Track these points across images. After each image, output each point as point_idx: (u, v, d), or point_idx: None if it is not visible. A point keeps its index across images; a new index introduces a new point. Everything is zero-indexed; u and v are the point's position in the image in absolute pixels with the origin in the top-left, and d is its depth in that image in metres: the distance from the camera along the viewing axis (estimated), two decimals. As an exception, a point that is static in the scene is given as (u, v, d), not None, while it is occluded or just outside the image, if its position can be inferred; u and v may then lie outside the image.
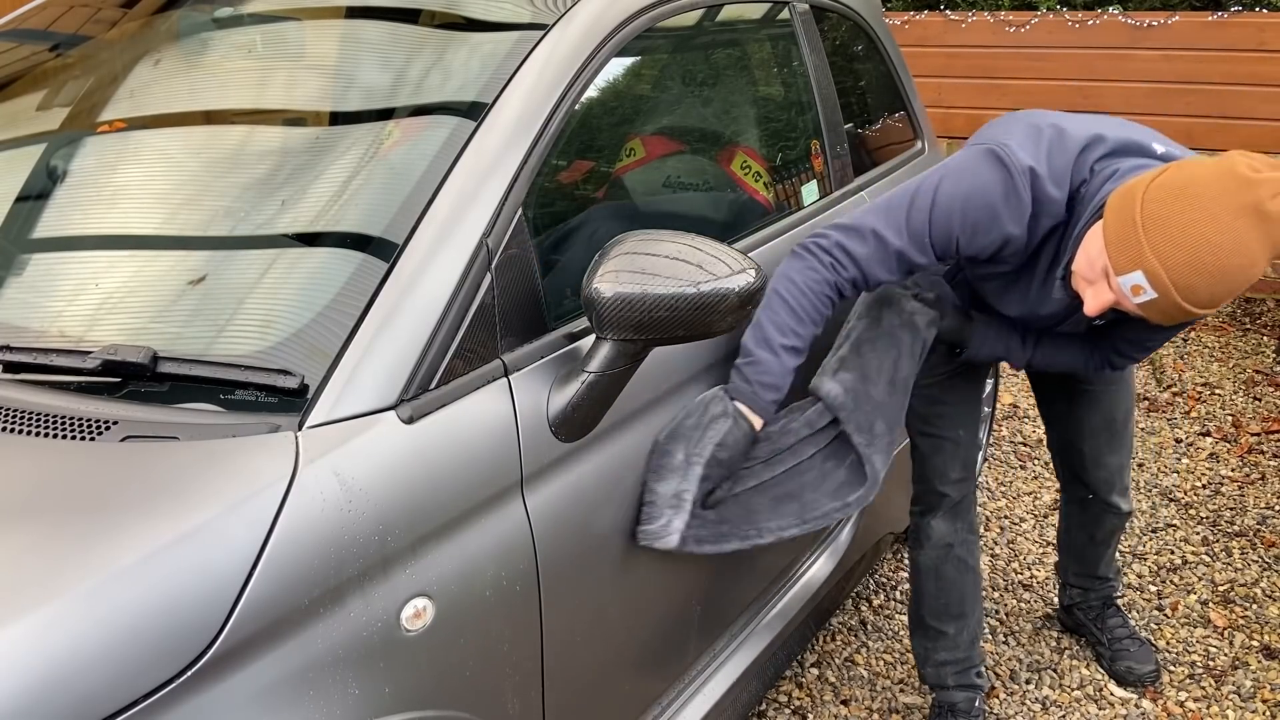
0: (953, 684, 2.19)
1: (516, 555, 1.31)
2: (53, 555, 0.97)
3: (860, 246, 1.65)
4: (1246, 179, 1.38)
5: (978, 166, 1.60)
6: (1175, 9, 5.01)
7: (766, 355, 1.63)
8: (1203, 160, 1.44)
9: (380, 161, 1.41)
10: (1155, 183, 1.43)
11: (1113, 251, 1.45)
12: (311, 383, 1.19)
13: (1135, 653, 2.40)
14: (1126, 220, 1.43)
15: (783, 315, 1.64)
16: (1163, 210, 1.40)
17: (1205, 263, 1.38)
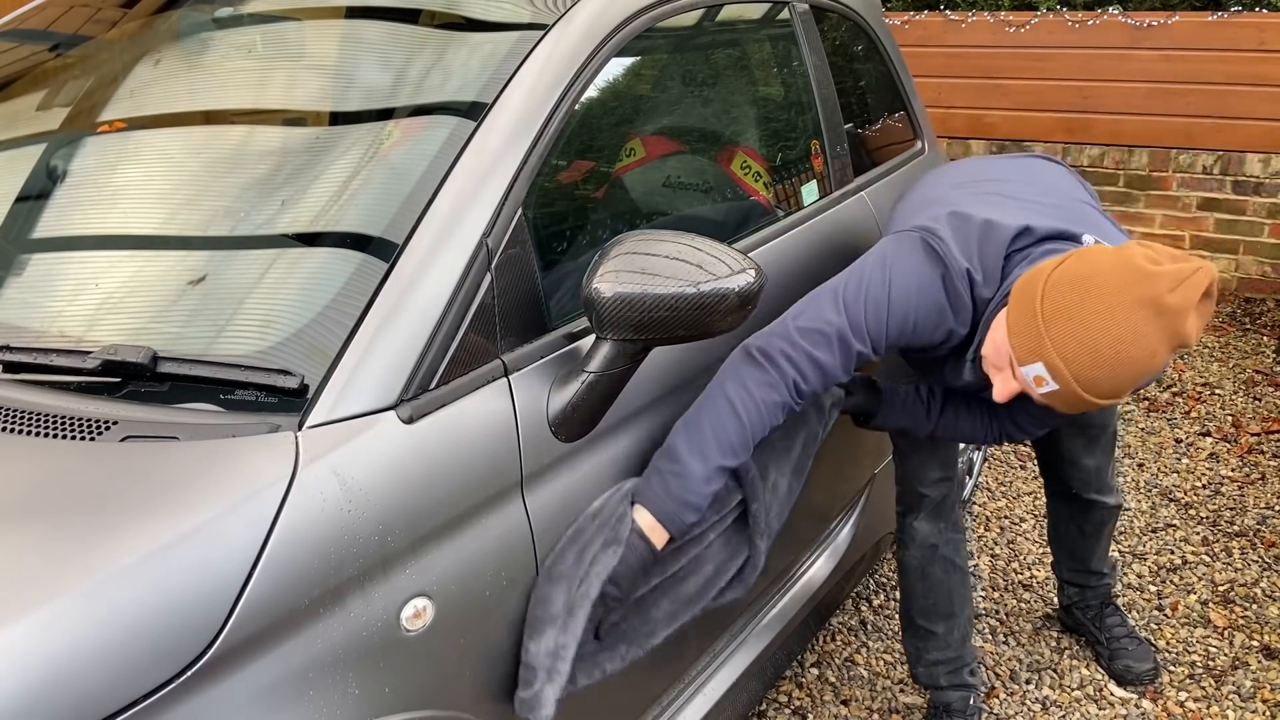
0: (946, 684, 2.19)
1: (516, 555, 1.31)
2: (53, 555, 0.97)
3: (828, 355, 1.56)
4: (1145, 272, 1.38)
5: (920, 264, 1.59)
6: (1175, 9, 5.01)
7: (699, 469, 1.43)
8: (1103, 250, 1.45)
9: (380, 161, 1.41)
10: (1056, 273, 1.44)
11: (1015, 341, 1.47)
12: (311, 383, 1.19)
13: (1133, 651, 2.40)
14: (1027, 311, 1.45)
15: (730, 432, 1.47)
16: (1062, 302, 1.41)
17: (1105, 356, 1.39)
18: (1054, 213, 1.66)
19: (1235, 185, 4.89)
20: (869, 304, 1.57)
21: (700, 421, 1.48)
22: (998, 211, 1.63)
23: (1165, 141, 5.00)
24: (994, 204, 1.67)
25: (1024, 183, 1.79)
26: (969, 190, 1.75)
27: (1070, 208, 1.71)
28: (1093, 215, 1.71)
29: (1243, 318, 4.78)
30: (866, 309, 1.57)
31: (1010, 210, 1.64)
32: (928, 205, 1.71)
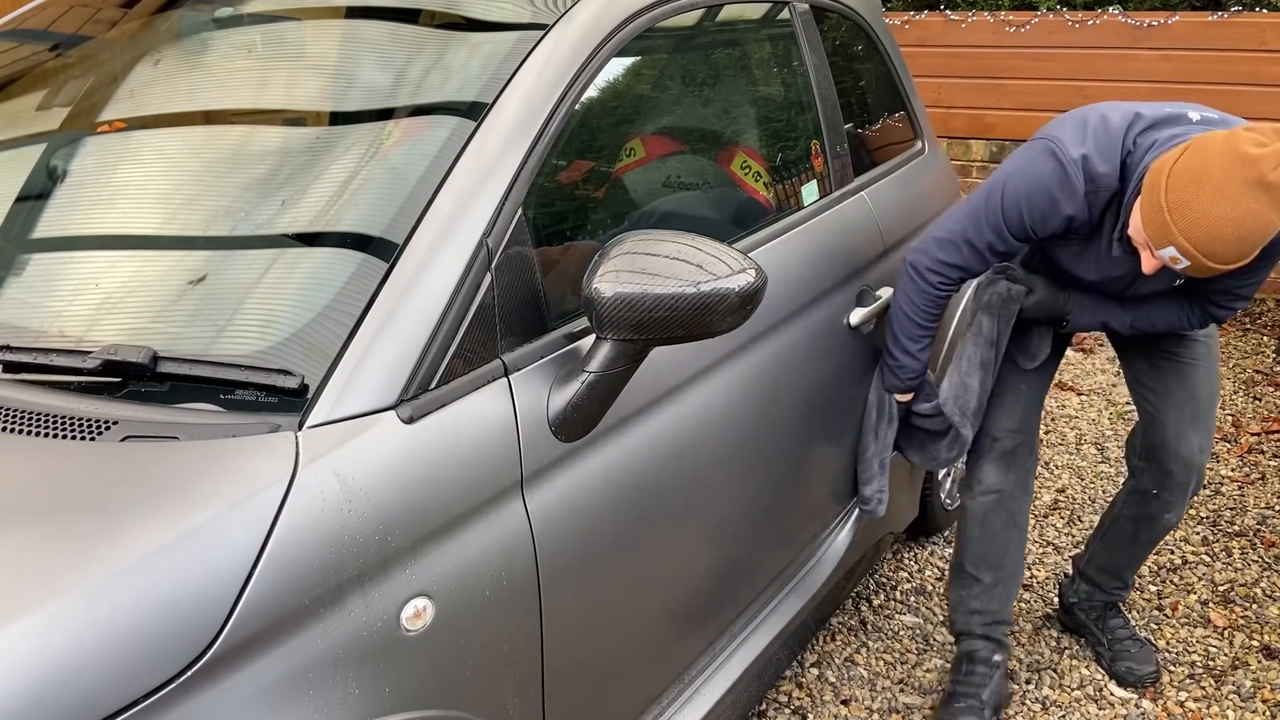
0: (979, 632, 2.26)
1: (516, 555, 1.31)
2: (53, 555, 0.97)
3: (956, 256, 2.00)
4: (1249, 157, 1.61)
5: (1036, 163, 1.89)
6: (1175, 9, 5.01)
7: (907, 360, 2.13)
8: (1214, 139, 1.66)
9: (380, 161, 1.41)
10: (1175, 167, 1.67)
11: (1149, 230, 1.71)
12: (311, 383, 1.19)
13: (1136, 653, 2.40)
14: (1154, 204, 1.69)
15: (910, 327, 2.10)
16: (1183, 196, 1.65)
17: (1224, 234, 1.63)
18: (1161, 107, 1.89)
19: (1235, 185, 4.88)
20: (987, 205, 1.95)
21: (895, 330, 2.13)
22: (1111, 110, 1.90)
23: (1165, 141, 4.99)
24: (1109, 108, 1.92)
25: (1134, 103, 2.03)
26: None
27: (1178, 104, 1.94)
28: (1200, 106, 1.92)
29: (1243, 318, 4.78)
30: (984, 210, 1.95)
31: (1123, 106, 1.90)
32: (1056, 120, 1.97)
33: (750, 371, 1.80)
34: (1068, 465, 3.44)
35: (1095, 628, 2.47)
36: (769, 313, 1.85)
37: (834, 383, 2.08)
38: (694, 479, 1.65)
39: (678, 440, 1.61)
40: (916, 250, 2.07)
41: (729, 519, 1.78)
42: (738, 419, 1.76)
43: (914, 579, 2.83)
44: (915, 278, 2.06)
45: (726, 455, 1.73)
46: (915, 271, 2.06)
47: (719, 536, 1.76)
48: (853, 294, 2.16)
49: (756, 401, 1.81)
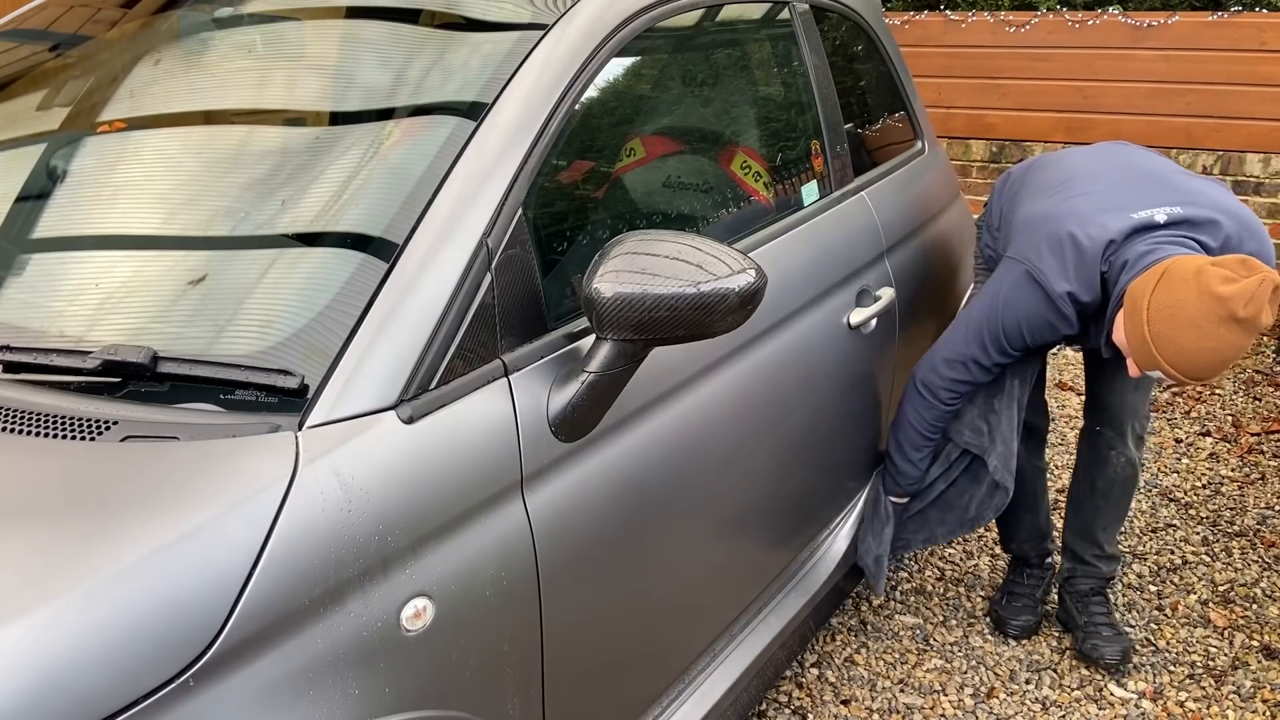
0: (1030, 551, 2.59)
1: (516, 555, 1.31)
2: (53, 555, 0.97)
3: (966, 373, 2.22)
4: (1220, 296, 1.81)
5: (1026, 294, 2.09)
6: (1175, 9, 5.01)
7: (910, 469, 2.34)
8: (1185, 272, 1.84)
9: (380, 161, 1.41)
10: (1153, 300, 1.87)
11: (1135, 355, 1.93)
12: (311, 383, 1.19)
13: (1106, 636, 2.42)
14: (1138, 334, 1.90)
15: (918, 439, 2.30)
16: (1163, 329, 1.86)
17: (1204, 360, 1.86)
18: (1133, 199, 2.06)
19: (1235, 185, 4.89)
20: (988, 331, 2.15)
21: (899, 440, 2.33)
22: (1088, 222, 2.04)
23: (1165, 141, 5.00)
24: (1084, 212, 2.06)
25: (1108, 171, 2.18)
26: (1059, 198, 2.15)
27: (1146, 184, 2.10)
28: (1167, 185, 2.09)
29: (1243, 318, 4.78)
30: (987, 335, 2.16)
31: (1098, 216, 2.04)
32: (1034, 224, 2.13)
33: (750, 371, 1.80)
34: (1068, 465, 3.44)
35: (1075, 609, 2.48)
36: (769, 313, 1.85)
37: (834, 382, 2.08)
38: (694, 479, 1.65)
39: (678, 440, 1.61)
40: (926, 370, 2.25)
41: (729, 519, 1.78)
42: (738, 419, 1.76)
43: (914, 579, 2.83)
44: (927, 396, 2.25)
45: (726, 455, 1.73)
46: (928, 390, 2.25)
47: (719, 536, 1.76)
48: (853, 294, 2.16)
49: (756, 401, 1.81)
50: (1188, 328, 1.83)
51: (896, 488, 2.37)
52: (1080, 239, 2.02)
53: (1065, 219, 2.08)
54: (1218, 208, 2.05)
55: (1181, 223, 2.00)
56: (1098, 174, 2.19)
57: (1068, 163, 2.30)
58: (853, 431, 2.23)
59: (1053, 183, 2.24)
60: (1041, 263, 2.06)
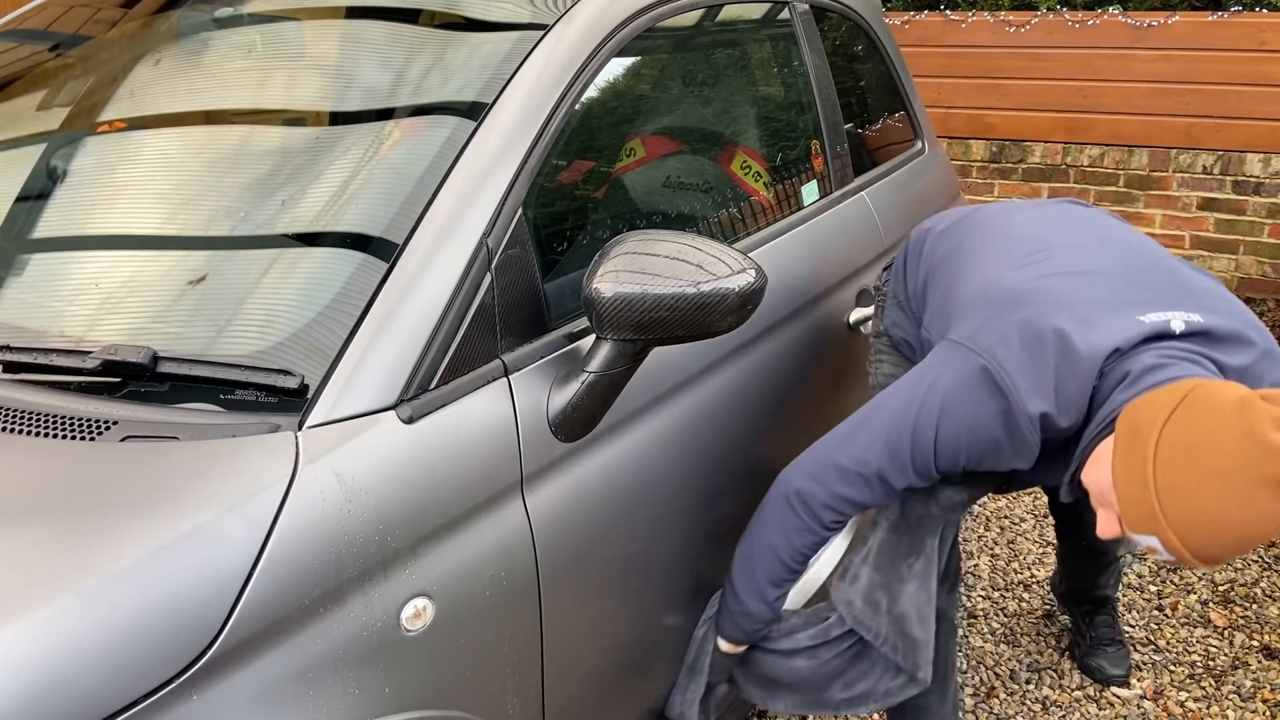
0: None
1: (516, 555, 1.31)
2: (53, 555, 0.97)
3: (864, 492, 1.55)
4: (1271, 447, 1.21)
5: (977, 400, 1.45)
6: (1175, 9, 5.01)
7: (759, 608, 1.65)
8: (1219, 408, 1.25)
9: (380, 161, 1.41)
10: (1167, 434, 1.27)
11: (1126, 510, 1.31)
12: (311, 383, 1.19)
13: (1111, 653, 2.38)
14: (1138, 480, 1.28)
15: (775, 569, 1.62)
16: (1178, 476, 1.25)
17: (1224, 536, 1.26)
18: (1139, 293, 1.48)
19: (1235, 185, 4.89)
20: (912, 440, 1.50)
21: (753, 567, 1.64)
22: (1083, 317, 1.43)
23: (1165, 141, 5.00)
24: (1076, 302, 1.46)
25: (1095, 248, 1.59)
26: (1032, 272, 1.54)
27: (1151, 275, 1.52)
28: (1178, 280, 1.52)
29: (1243, 318, 4.78)
30: (908, 445, 1.50)
31: (1095, 311, 1.44)
32: (999, 303, 1.50)
33: (750, 371, 1.80)
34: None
35: (1082, 620, 2.47)
36: (769, 313, 1.85)
37: (833, 382, 2.08)
38: (693, 479, 1.65)
39: (678, 440, 1.61)
40: (804, 476, 1.58)
41: (729, 519, 1.78)
42: (737, 419, 1.76)
43: (914, 579, 2.83)
44: (801, 513, 1.58)
45: (726, 455, 1.73)
46: (803, 505, 1.58)
47: (719, 536, 1.76)
48: (852, 294, 2.16)
49: (756, 401, 1.81)
50: (1215, 481, 1.23)
51: (738, 632, 1.67)
52: (1074, 341, 1.41)
53: (1050, 306, 1.45)
54: (1242, 318, 1.48)
55: (1199, 335, 1.43)
56: (1080, 249, 1.58)
57: (1028, 227, 1.69)
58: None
59: (1014, 249, 1.63)
60: (1010, 363, 1.43)
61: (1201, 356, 1.41)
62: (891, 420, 1.52)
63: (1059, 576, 2.52)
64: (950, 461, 1.50)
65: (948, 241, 1.81)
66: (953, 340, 1.52)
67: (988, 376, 1.44)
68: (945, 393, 1.47)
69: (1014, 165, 5.38)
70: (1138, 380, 1.38)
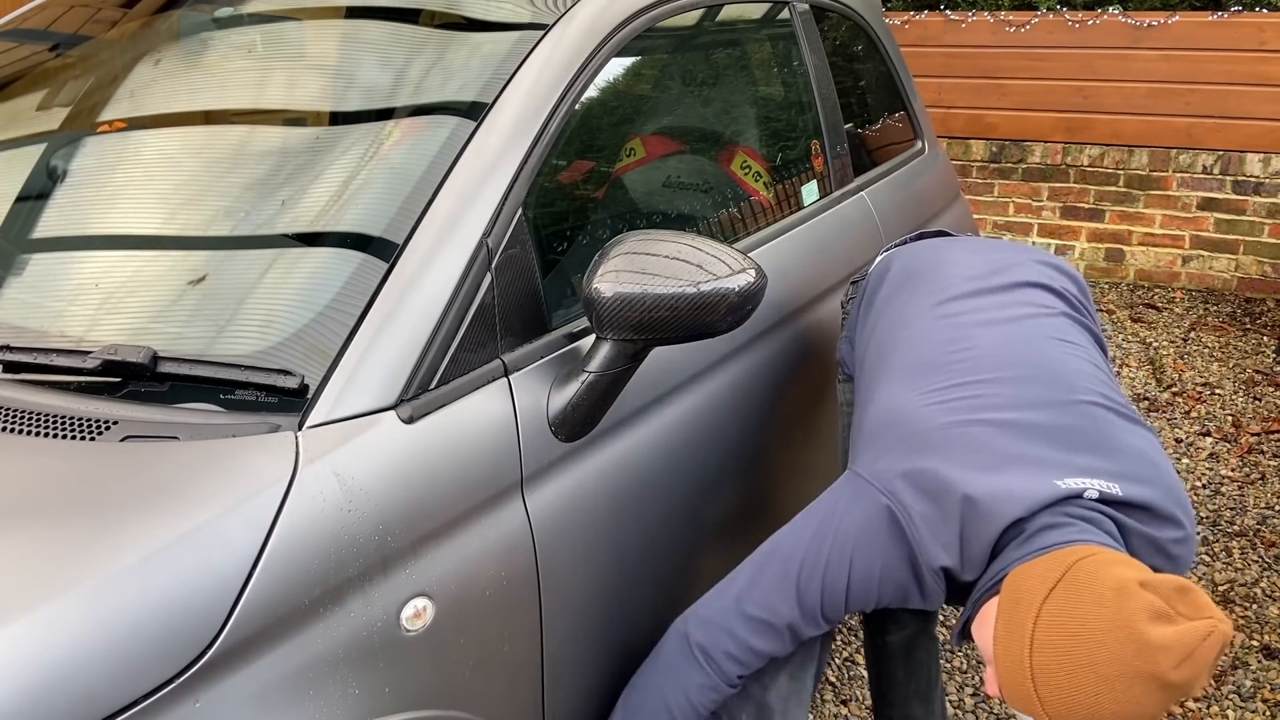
0: None
1: (516, 555, 1.31)
2: (53, 555, 0.97)
3: (774, 644, 1.46)
4: (1146, 644, 1.17)
5: (884, 544, 1.40)
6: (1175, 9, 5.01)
7: None
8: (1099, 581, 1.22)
9: (380, 161, 1.41)
10: (1044, 614, 1.24)
11: (1004, 685, 1.27)
12: (311, 383, 1.19)
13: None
14: (1016, 659, 1.25)
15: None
16: (1052, 665, 1.22)
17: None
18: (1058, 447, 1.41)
19: (1235, 185, 4.89)
20: (826, 587, 1.42)
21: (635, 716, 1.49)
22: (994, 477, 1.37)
23: (1165, 141, 5.00)
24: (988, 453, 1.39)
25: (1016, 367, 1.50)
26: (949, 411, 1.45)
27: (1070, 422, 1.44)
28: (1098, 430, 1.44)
29: (1243, 318, 4.78)
30: (823, 594, 1.42)
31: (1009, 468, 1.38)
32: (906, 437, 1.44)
33: (750, 371, 1.80)
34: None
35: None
36: (769, 313, 1.85)
37: (833, 382, 2.08)
38: (694, 479, 1.65)
39: (677, 440, 1.61)
40: (708, 625, 1.46)
41: (729, 519, 1.78)
42: (738, 419, 1.76)
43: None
44: (703, 663, 1.46)
45: (726, 455, 1.73)
46: (704, 655, 1.46)
47: (719, 536, 1.76)
48: (853, 294, 2.16)
49: (756, 401, 1.81)
50: (1088, 673, 1.19)
51: None
52: (981, 505, 1.34)
53: (962, 461, 1.38)
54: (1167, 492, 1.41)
55: (1119, 504, 1.37)
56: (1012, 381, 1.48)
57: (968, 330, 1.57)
58: (853, 431, 2.23)
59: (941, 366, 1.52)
60: (915, 512, 1.38)
61: (1104, 516, 1.36)
62: (800, 564, 1.43)
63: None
64: (863, 604, 1.44)
65: (886, 298, 1.74)
66: (856, 473, 1.46)
67: (894, 519, 1.39)
68: (854, 534, 1.41)
69: (1014, 165, 5.38)
70: (1031, 539, 1.33)
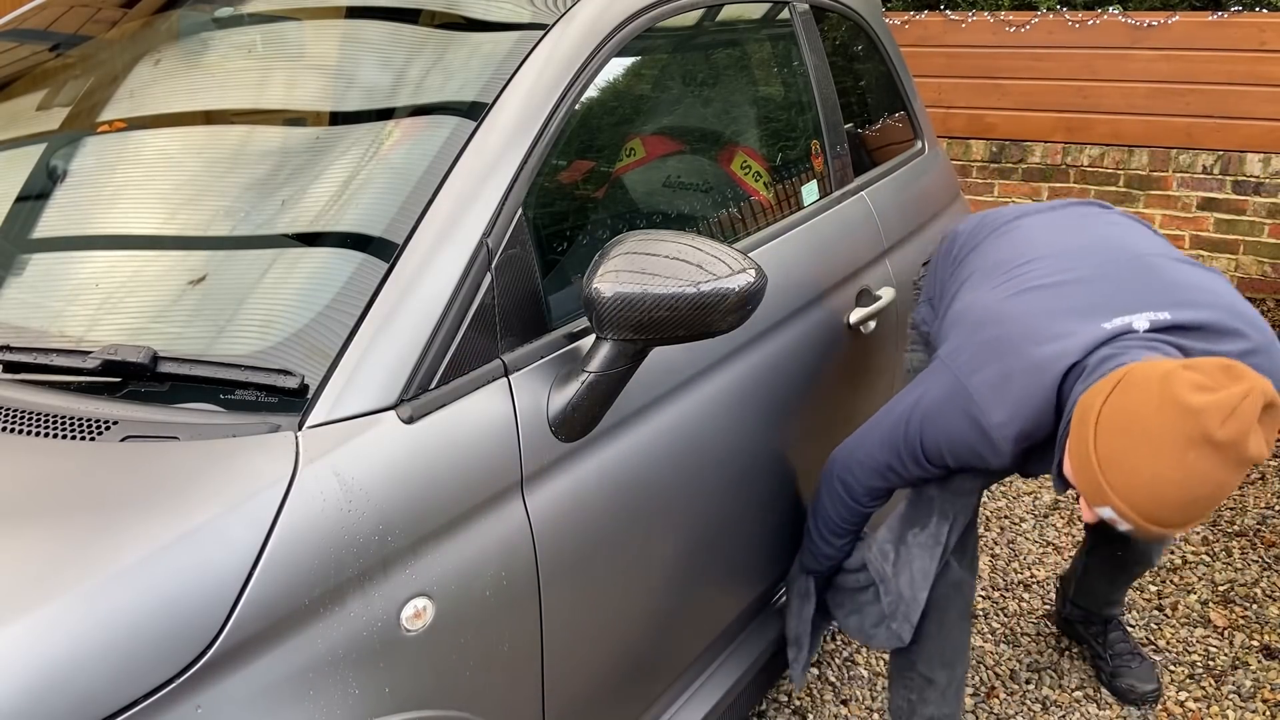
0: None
1: (516, 555, 1.31)
2: (53, 555, 0.97)
3: (883, 481, 1.83)
4: (1189, 408, 1.32)
5: (953, 413, 1.65)
6: (1175, 9, 5.01)
7: (827, 549, 1.97)
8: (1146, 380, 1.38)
9: (380, 161, 1.41)
10: (1103, 411, 1.41)
11: (1081, 484, 1.45)
12: (311, 383, 1.19)
13: (1137, 670, 2.35)
14: (1084, 456, 1.42)
15: (835, 527, 1.93)
16: (1113, 450, 1.38)
17: (1169, 497, 1.36)
18: (1110, 297, 1.61)
19: (1235, 185, 4.89)
20: (905, 443, 1.75)
21: (818, 523, 1.96)
22: (1043, 336, 1.58)
23: (1165, 141, 5.00)
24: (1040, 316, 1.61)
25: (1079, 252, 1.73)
26: (1009, 289, 1.70)
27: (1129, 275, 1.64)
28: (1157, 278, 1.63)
29: (1243, 318, 4.78)
30: (903, 447, 1.76)
31: (1057, 324, 1.59)
32: (973, 323, 1.69)
33: (750, 372, 1.80)
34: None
35: (1095, 642, 2.44)
36: (769, 313, 1.85)
37: (834, 382, 2.08)
38: (694, 479, 1.65)
39: (677, 440, 1.61)
40: (843, 467, 1.88)
41: (729, 519, 1.78)
42: (737, 419, 1.76)
43: (914, 579, 2.83)
44: (844, 495, 1.89)
45: (726, 455, 1.73)
46: (845, 490, 1.88)
47: (719, 536, 1.76)
48: (853, 294, 2.16)
49: (756, 401, 1.81)
50: (1144, 447, 1.35)
51: (815, 565, 2.01)
52: (1031, 360, 1.57)
53: (1013, 328, 1.62)
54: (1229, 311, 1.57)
55: (1171, 329, 1.55)
56: (1064, 254, 1.73)
57: (1028, 233, 1.86)
58: (853, 431, 2.23)
59: (1005, 262, 1.80)
60: (974, 380, 1.62)
61: (1162, 343, 1.53)
62: (891, 426, 1.78)
63: (1063, 600, 2.50)
64: (940, 461, 1.73)
65: (963, 246, 1.99)
66: (938, 357, 1.73)
67: (961, 391, 1.64)
68: (929, 406, 1.70)
69: (1014, 165, 5.38)
70: (1092, 372, 1.52)
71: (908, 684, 2.02)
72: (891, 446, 1.77)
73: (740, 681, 1.92)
